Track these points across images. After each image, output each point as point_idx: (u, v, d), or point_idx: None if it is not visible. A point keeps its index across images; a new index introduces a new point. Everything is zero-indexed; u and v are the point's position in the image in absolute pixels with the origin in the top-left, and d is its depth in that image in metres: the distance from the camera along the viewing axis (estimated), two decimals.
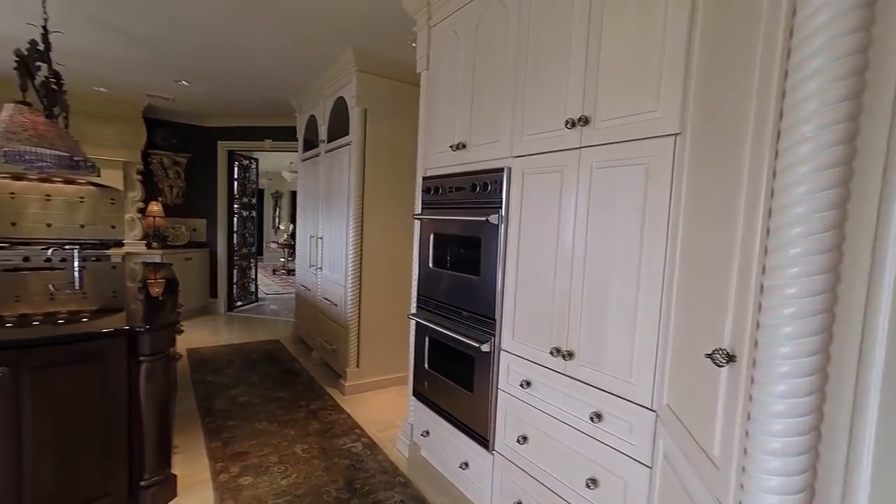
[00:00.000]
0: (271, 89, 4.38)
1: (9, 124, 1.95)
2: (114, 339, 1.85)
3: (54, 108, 2.60)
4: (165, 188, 5.78)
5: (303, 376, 3.76)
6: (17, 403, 1.67)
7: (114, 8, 2.75)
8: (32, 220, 5.18)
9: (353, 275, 3.34)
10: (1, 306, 2.39)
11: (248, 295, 6.69)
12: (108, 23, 2.96)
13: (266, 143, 5.72)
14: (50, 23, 2.62)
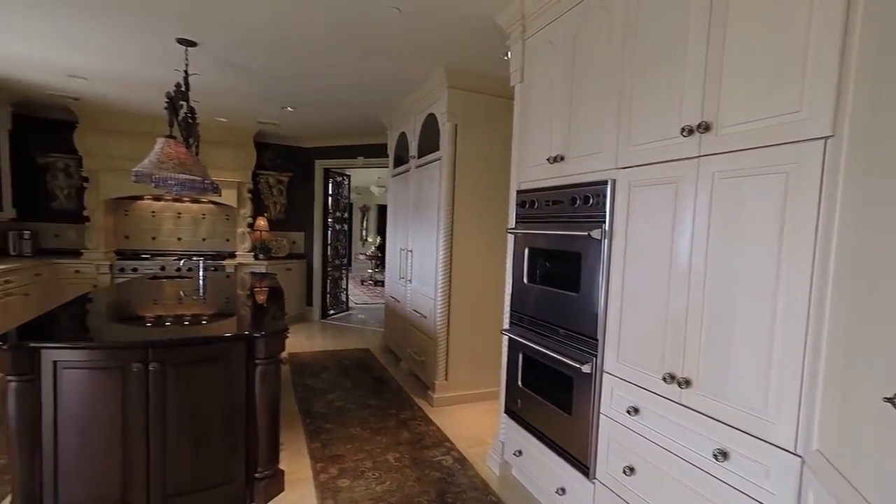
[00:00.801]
0: (364, 110, 4.64)
1: (160, 155, 2.26)
2: (236, 342, 2.04)
3: (190, 139, 2.97)
4: (270, 205, 6.35)
5: (392, 386, 3.87)
6: (164, 394, 1.91)
7: (238, 50, 3.09)
8: (167, 235, 5.96)
9: (442, 288, 3.39)
10: (142, 308, 2.76)
11: (340, 304, 7.08)
12: (233, 62, 3.33)
13: (358, 160, 6.06)
14: (189, 67, 3.02)
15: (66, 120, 5.09)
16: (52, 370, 1.80)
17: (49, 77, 3.92)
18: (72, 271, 5.07)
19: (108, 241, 5.44)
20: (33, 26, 2.87)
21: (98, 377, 1.85)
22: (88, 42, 3.08)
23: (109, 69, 3.62)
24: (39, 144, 5.20)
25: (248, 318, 2.57)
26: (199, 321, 2.44)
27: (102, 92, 4.30)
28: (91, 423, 1.85)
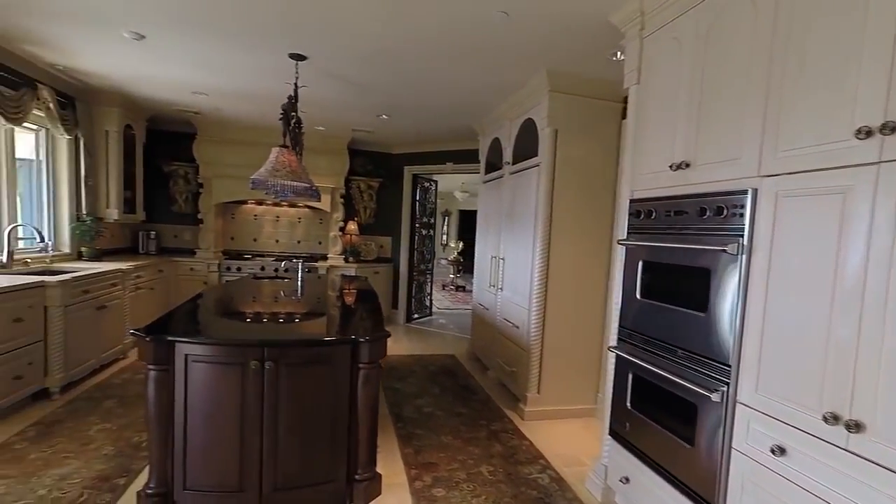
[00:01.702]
0: (456, 116, 4.65)
1: (275, 164, 2.41)
2: (342, 346, 2.10)
3: (296, 148, 3.14)
4: (360, 209, 6.61)
5: (480, 394, 3.81)
6: (277, 391, 2.00)
7: (343, 62, 3.23)
8: (266, 237, 6.43)
9: (537, 298, 3.27)
10: (253, 306, 2.95)
11: (424, 308, 7.18)
12: (338, 74, 3.49)
13: (447, 165, 6.12)
14: (298, 80, 3.20)
15: (186, 132, 5.67)
16: (183, 362, 1.96)
17: (178, 94, 4.39)
18: (187, 269, 5.62)
19: (217, 241, 5.97)
20: (175, 51, 3.21)
21: (221, 371, 1.98)
22: (212, 62, 3.39)
23: (227, 85, 3.96)
24: (164, 154, 5.84)
25: (351, 321, 2.65)
26: (307, 323, 2.55)
27: (218, 105, 4.72)
28: (214, 414, 1.99)
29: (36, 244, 4.00)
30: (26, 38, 3.22)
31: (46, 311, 3.19)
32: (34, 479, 2.25)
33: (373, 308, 2.94)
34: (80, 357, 3.52)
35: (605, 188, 3.33)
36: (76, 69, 3.85)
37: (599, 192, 3.32)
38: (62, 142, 4.29)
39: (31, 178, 4.15)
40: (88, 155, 4.52)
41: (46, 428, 2.82)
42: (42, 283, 3.13)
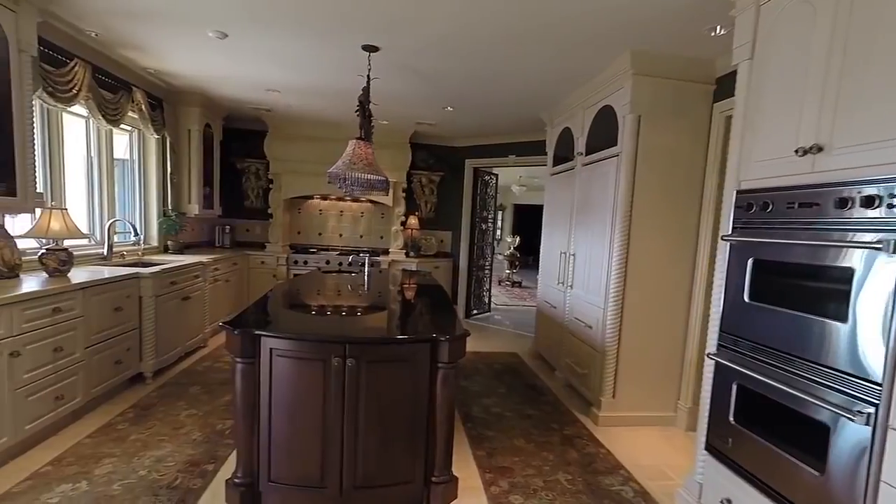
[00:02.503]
0: (524, 107, 4.48)
1: (352, 157, 2.38)
2: (422, 345, 2.04)
3: (368, 140, 3.12)
4: (421, 203, 6.60)
5: (548, 396, 3.66)
6: (357, 389, 1.98)
7: (415, 53, 3.17)
8: (331, 231, 6.58)
9: (614, 297, 3.07)
10: (317, 298, 2.97)
11: (482, 304, 7.08)
12: (408, 65, 3.44)
13: (510, 158, 5.95)
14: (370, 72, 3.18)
15: (258, 130, 5.89)
16: (268, 356, 1.98)
17: (252, 92, 4.54)
18: (258, 262, 5.86)
19: (285, 236, 6.18)
20: (254, 48, 3.29)
21: (304, 367, 1.98)
22: (288, 57, 3.45)
23: (299, 81, 4.03)
24: (238, 152, 6.11)
25: (427, 319, 2.59)
26: (383, 320, 2.52)
27: (290, 102, 4.84)
28: (297, 408, 2.00)
29: (130, 238, 4.30)
30: (123, 43, 3.42)
31: (141, 301, 3.40)
32: (135, 460, 2.39)
33: (445, 305, 2.88)
34: (168, 344, 3.74)
35: (692, 179, 3.05)
36: (165, 72, 4.07)
37: (685, 184, 3.05)
38: (151, 141, 4.58)
39: (126, 176, 4.46)
40: (173, 153, 4.80)
41: (143, 411, 3.00)
42: (137, 275, 3.34)
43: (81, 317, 2.79)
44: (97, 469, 2.29)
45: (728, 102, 2.79)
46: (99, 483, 2.19)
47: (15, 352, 2.31)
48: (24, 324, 2.37)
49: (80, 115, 3.68)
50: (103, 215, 3.96)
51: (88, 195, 3.87)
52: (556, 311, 4.14)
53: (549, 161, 4.67)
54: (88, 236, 3.77)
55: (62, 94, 3.17)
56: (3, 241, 2.77)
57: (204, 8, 2.72)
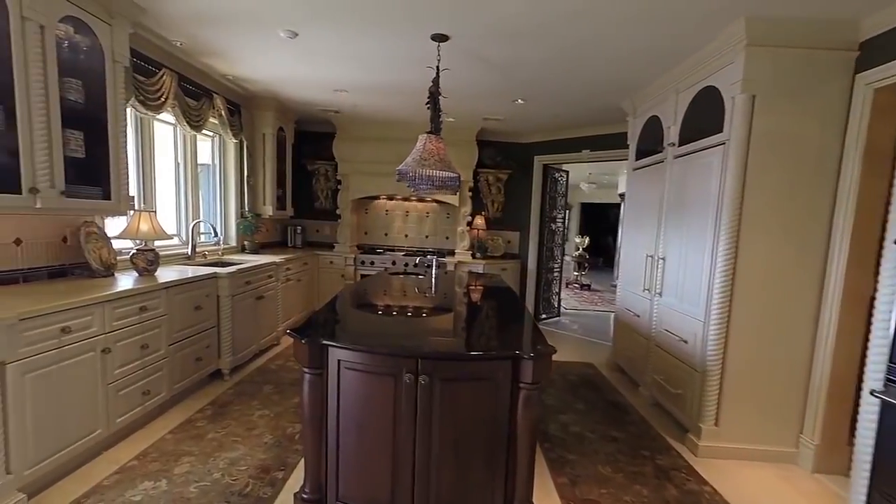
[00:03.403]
0: (602, 95, 4.12)
1: (422, 152, 2.22)
2: (503, 362, 1.82)
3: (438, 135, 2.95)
4: (488, 203, 6.38)
5: (633, 416, 3.30)
6: (430, 407, 1.81)
7: (487, 40, 2.96)
8: (396, 232, 6.55)
9: (718, 309, 2.67)
10: (386, 304, 2.84)
11: (551, 309, 6.73)
12: (480, 54, 3.24)
13: (583, 153, 5.57)
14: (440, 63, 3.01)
15: (327, 132, 5.97)
16: (336, 367, 1.87)
17: (321, 93, 4.56)
18: (327, 262, 5.94)
19: (353, 236, 6.22)
20: (323, 46, 3.25)
21: (373, 381, 1.85)
22: (355, 53, 3.38)
23: (366, 78, 3.96)
24: (309, 154, 6.24)
25: (506, 332, 2.38)
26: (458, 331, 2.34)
27: (356, 102, 4.82)
28: (366, 424, 1.87)
29: (212, 238, 4.49)
30: (205, 51, 3.53)
31: (218, 300, 3.49)
32: (210, 461, 2.40)
33: (521, 314, 2.65)
34: (244, 342, 3.83)
35: (821, 171, 2.55)
36: (242, 77, 4.19)
37: (811, 177, 2.57)
38: (230, 146, 4.75)
39: (208, 179, 4.66)
40: (250, 156, 4.96)
41: (220, 408, 3.06)
42: (215, 275, 3.43)
43: (165, 315, 2.87)
44: (176, 468, 2.32)
45: (880, 71, 2.30)
46: (177, 483, 2.20)
47: (107, 348, 2.40)
48: (115, 321, 2.46)
49: (168, 123, 3.86)
50: (188, 217, 4.14)
51: (176, 198, 4.07)
52: (640, 320, 3.75)
53: (631, 154, 4.26)
54: (173, 237, 3.94)
55: (152, 103, 3.31)
56: (101, 242, 2.93)
57: (275, 7, 2.70)
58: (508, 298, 3.12)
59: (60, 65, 2.34)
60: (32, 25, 2.16)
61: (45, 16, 2.23)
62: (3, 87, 2.10)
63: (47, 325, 2.06)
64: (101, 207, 2.67)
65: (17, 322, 1.89)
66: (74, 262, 2.82)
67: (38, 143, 2.23)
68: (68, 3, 2.36)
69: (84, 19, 2.46)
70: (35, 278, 2.59)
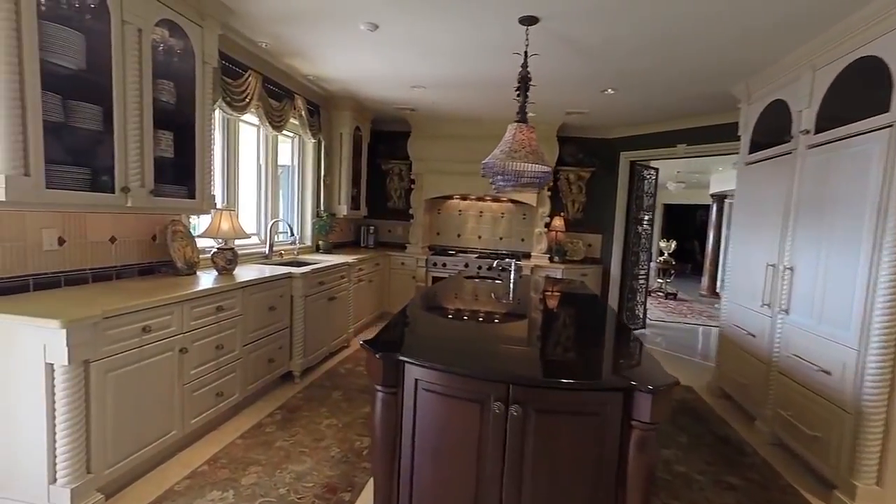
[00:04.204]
0: (706, 80, 3.58)
1: (511, 143, 1.95)
2: (613, 394, 1.50)
3: None
4: (568, 203, 5.94)
5: (751, 457, 2.77)
6: (522, 442, 1.52)
7: (579, 20, 2.63)
8: (469, 233, 6.31)
9: (883, 335, 2.11)
10: (453, 309, 2.59)
11: (636, 320, 6.13)
12: (569, 37, 2.90)
13: (679, 148, 4.98)
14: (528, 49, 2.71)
15: (402, 131, 5.88)
16: (413, 387, 1.64)
17: (398, 91, 4.43)
18: (398, 263, 5.84)
19: (425, 236, 6.07)
20: (403, 37, 3.09)
21: (455, 406, 1.60)
22: (437, 43, 3.18)
23: (445, 72, 3.76)
24: (383, 153, 6.19)
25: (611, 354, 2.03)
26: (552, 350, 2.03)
27: (434, 99, 4.65)
28: (445, 456, 1.62)
29: (288, 238, 4.53)
30: (288, 51, 3.53)
31: (292, 301, 3.45)
32: (277, 473, 2.29)
33: (624, 332, 2.29)
34: (315, 344, 3.78)
35: None
36: (322, 77, 4.17)
37: None
38: (309, 146, 4.79)
39: (287, 179, 4.72)
40: (327, 156, 4.97)
41: (289, 413, 2.99)
42: (290, 275, 3.38)
43: (241, 315, 2.85)
44: (244, 478, 2.23)
45: None
46: (244, 496, 2.10)
47: (184, 348, 2.38)
48: (193, 321, 2.44)
49: (252, 124, 3.92)
50: (267, 216, 4.19)
51: (257, 198, 4.13)
52: (757, 341, 3.18)
53: (744, 147, 3.67)
54: (251, 236, 3.99)
55: (237, 104, 3.35)
56: (186, 241, 2.97)
57: None
58: (601, 311, 2.75)
59: (154, 67, 2.36)
60: (131, 29, 2.18)
61: (143, 19, 2.25)
62: (102, 89, 2.12)
63: (129, 323, 2.04)
64: (185, 206, 2.69)
65: (101, 320, 1.88)
66: (161, 260, 2.87)
67: (131, 143, 2.24)
68: (164, 7, 2.37)
69: (177, 22, 2.48)
70: (127, 275, 2.65)
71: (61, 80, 1.99)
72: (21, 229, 2.10)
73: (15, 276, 2.07)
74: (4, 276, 2.04)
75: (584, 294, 3.42)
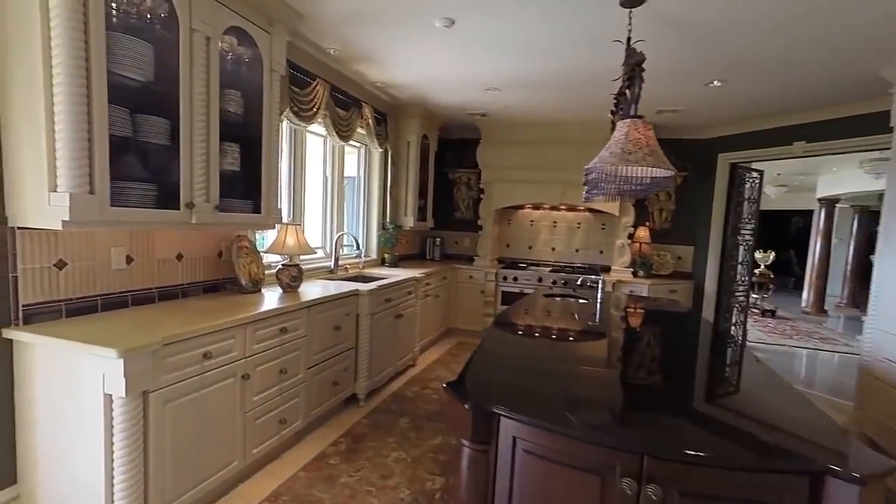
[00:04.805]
0: (852, 61, 2.95)
1: (624, 143, 1.58)
2: (794, 478, 1.07)
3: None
4: (655, 212, 5.36)
5: None
6: None
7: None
8: (542, 244, 5.88)
9: None
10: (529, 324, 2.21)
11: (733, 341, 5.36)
12: (678, 19, 2.46)
13: (795, 146, 4.26)
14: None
15: (471, 138, 5.60)
16: (510, 446, 1.31)
17: (470, 94, 4.15)
18: (466, 277, 5.53)
19: (494, 248, 5.73)
20: (482, 33, 2.81)
21: (566, 476, 1.24)
22: (516, 37, 2.86)
23: (524, 69, 3.42)
24: (451, 162, 5.95)
25: (773, 413, 1.58)
26: (704, 411, 1.57)
27: (507, 102, 4.33)
28: None
29: (354, 251, 4.38)
30: (356, 57, 3.38)
31: (358, 319, 3.25)
32: None
33: (771, 376, 1.81)
34: (380, 365, 3.55)
35: None
36: (391, 83, 4.00)
37: None
38: (375, 156, 4.64)
39: (352, 190, 4.60)
40: (393, 165, 4.80)
41: (354, 442, 2.75)
42: (356, 292, 3.18)
43: (305, 336, 2.66)
44: None
45: None
46: None
47: (246, 374, 2.21)
48: (255, 344, 2.27)
49: (318, 135, 3.82)
50: (332, 229, 4.06)
51: (322, 210, 4.02)
52: None
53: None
54: (317, 251, 3.87)
55: (304, 113, 3.23)
56: (251, 257, 2.85)
57: None
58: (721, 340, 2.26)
59: (221, 76, 2.24)
60: (199, 37, 2.07)
61: (212, 27, 2.13)
62: (171, 100, 2.02)
63: (190, 349, 1.89)
64: (250, 221, 2.55)
65: (160, 347, 1.73)
66: (227, 277, 2.77)
67: (196, 156, 2.13)
68: (233, 14, 2.26)
69: (246, 29, 2.36)
70: (193, 293, 2.56)
71: (128, 92, 1.90)
72: (90, 248, 2.03)
73: (84, 297, 2.00)
74: (74, 296, 1.97)
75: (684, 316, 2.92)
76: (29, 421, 1.80)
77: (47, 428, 1.77)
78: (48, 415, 1.76)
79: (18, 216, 1.73)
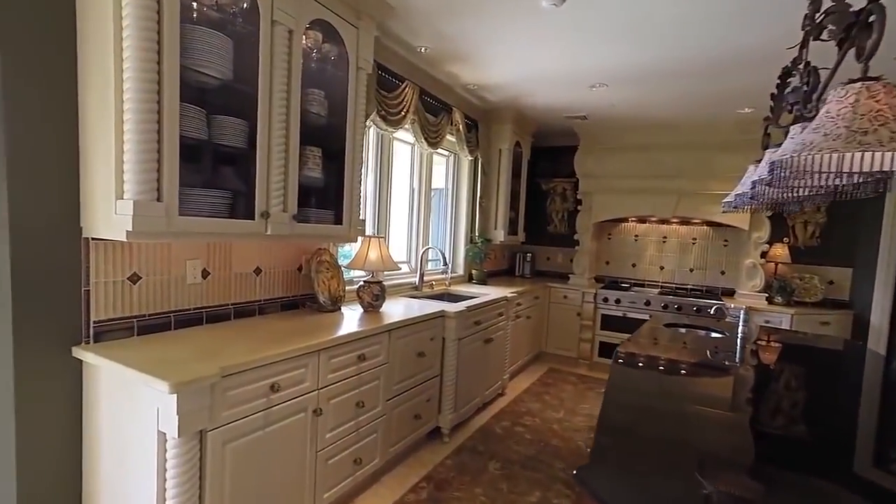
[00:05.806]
0: None
1: (853, 118, 1.03)
2: None
3: (809, 107, 1.64)
4: (798, 224, 4.41)
5: None
6: None
7: None
8: (648, 262, 5.14)
9: None
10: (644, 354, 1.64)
11: None
12: None
13: None
14: None
15: (568, 145, 5.08)
16: None
17: (571, 93, 3.68)
18: (560, 296, 4.97)
19: (592, 266, 5.11)
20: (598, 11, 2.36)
21: None
22: (638, 18, 2.36)
23: (638, 60, 2.90)
24: (545, 172, 5.47)
25: None
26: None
27: (613, 101, 3.79)
28: None
29: (440, 267, 4.07)
30: (449, 55, 3.09)
31: (444, 344, 2.90)
32: None
33: None
34: (466, 395, 3.16)
35: None
36: (484, 85, 3.67)
37: None
38: (464, 165, 4.33)
39: (439, 202, 4.32)
40: (484, 174, 4.45)
41: (437, 490, 2.38)
42: (443, 313, 2.84)
43: (385, 364, 2.36)
44: None
45: None
46: None
47: (318, 409, 1.93)
48: (330, 374, 2.00)
49: (406, 142, 3.58)
50: (418, 243, 3.79)
51: (409, 222, 3.77)
52: None
53: None
54: (401, 266, 3.61)
55: (392, 117, 3.00)
56: (332, 272, 2.63)
57: None
58: None
59: (303, 74, 2.03)
60: (281, 31, 1.87)
61: (295, 20, 1.93)
62: (250, 100, 1.83)
63: (255, 381, 1.64)
64: (330, 233, 2.31)
65: (219, 380, 1.49)
66: (306, 294, 2.57)
67: (274, 161, 1.92)
68: (320, 6, 2.06)
69: (332, 22, 2.14)
70: (270, 310, 2.38)
71: (204, 91, 1.73)
72: (166, 261, 1.89)
73: (157, 313, 1.86)
74: (147, 313, 1.83)
75: (860, 359, 2.15)
76: (93, 451, 1.66)
77: (109, 461, 1.60)
78: (109, 446, 1.60)
79: (92, 226, 1.61)
